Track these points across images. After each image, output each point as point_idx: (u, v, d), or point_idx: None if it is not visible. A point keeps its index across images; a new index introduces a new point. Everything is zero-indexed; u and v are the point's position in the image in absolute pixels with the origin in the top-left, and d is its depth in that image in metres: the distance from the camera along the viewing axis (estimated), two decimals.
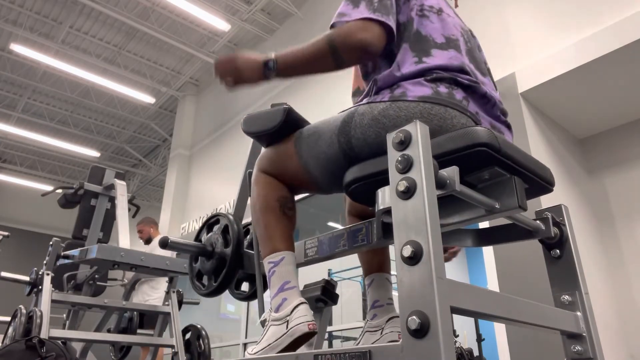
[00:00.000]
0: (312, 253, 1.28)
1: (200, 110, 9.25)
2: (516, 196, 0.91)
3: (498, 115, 1.07)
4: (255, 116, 1.25)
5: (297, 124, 1.21)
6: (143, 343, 2.96)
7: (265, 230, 1.16)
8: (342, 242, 1.21)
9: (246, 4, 7.21)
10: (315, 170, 1.11)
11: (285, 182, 1.20)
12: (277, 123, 1.19)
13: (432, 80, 1.00)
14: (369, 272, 1.34)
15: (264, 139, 1.25)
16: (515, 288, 2.98)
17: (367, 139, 1.00)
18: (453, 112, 0.97)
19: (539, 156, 3.17)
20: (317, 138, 1.11)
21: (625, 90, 3.36)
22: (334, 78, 6.14)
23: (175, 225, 8.18)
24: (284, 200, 1.18)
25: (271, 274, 1.10)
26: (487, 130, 0.89)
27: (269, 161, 1.22)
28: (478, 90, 1.02)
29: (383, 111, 0.99)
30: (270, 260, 1.12)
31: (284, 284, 1.08)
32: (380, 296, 1.30)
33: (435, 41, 1.07)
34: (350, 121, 1.04)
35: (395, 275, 0.78)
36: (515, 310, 0.86)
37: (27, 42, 8.10)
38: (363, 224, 1.17)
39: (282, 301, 1.06)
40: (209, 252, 1.44)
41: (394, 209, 0.74)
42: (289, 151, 1.17)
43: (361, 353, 0.73)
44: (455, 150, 0.88)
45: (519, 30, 3.73)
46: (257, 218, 1.19)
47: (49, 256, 2.73)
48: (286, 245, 1.13)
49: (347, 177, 1.02)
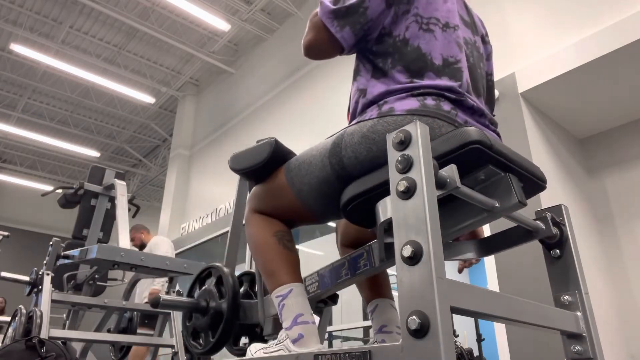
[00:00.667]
0: (313, 289, 1.24)
1: (200, 110, 9.25)
2: (514, 192, 0.91)
3: (487, 124, 1.07)
4: (242, 153, 1.23)
5: (284, 156, 1.19)
6: (143, 343, 2.96)
7: (267, 268, 1.12)
8: (343, 271, 1.18)
9: (246, 4, 7.21)
10: (309, 197, 1.09)
11: (280, 218, 1.17)
12: (264, 157, 1.17)
13: (418, 95, 1.00)
14: (371, 298, 1.32)
15: (253, 175, 1.23)
16: (515, 288, 2.98)
17: (358, 157, 0.99)
18: (441, 122, 0.96)
19: (538, 156, 3.18)
20: (308, 165, 1.09)
21: (625, 90, 3.36)
22: (332, 79, 6.12)
23: (175, 226, 8.18)
24: (282, 234, 1.15)
25: (281, 308, 1.06)
26: (478, 129, 0.90)
27: (259, 199, 1.20)
28: (465, 103, 1.02)
29: (372, 127, 0.99)
30: (278, 295, 1.07)
31: (297, 316, 1.04)
32: (388, 322, 1.27)
33: (432, 62, 1.04)
34: (340, 142, 1.03)
35: (395, 275, 0.78)
36: (515, 310, 0.86)
37: (27, 42, 8.10)
38: (363, 249, 1.15)
39: (299, 337, 1.01)
40: (203, 307, 1.38)
41: (394, 209, 0.74)
42: (279, 184, 1.15)
43: (361, 353, 0.73)
44: (449, 152, 0.88)
45: (519, 30, 3.73)
46: (257, 257, 1.16)
47: (49, 256, 2.73)
48: (292, 278, 1.09)
49: (343, 197, 1.01)
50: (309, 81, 6.40)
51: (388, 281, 1.35)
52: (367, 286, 1.33)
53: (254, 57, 8.01)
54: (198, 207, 7.96)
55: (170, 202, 8.41)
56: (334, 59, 1.16)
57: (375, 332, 1.28)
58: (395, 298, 1.28)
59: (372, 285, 1.33)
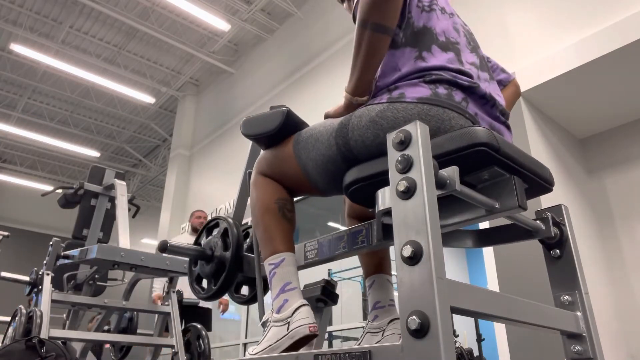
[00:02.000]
0: (312, 255, 1.28)
1: (200, 110, 9.25)
2: (516, 196, 0.91)
3: (497, 115, 1.07)
4: (254, 119, 1.25)
5: (296, 126, 1.21)
6: (143, 343, 2.96)
7: (265, 233, 1.16)
8: (342, 244, 1.21)
9: (246, 4, 7.21)
10: (314, 173, 1.11)
11: (284, 185, 1.20)
12: (275, 126, 1.19)
13: (430, 82, 0.99)
14: (370, 274, 1.34)
15: (263, 141, 1.26)
16: (515, 288, 2.98)
17: (365, 141, 0.99)
18: (451, 113, 0.96)
19: (538, 156, 3.17)
20: (315, 140, 1.10)
21: (625, 90, 3.36)
22: (332, 79, 6.12)
23: (175, 225, 8.18)
24: (283, 202, 1.18)
25: (272, 275, 1.10)
26: (487, 130, 0.89)
27: (267, 164, 1.22)
28: (477, 91, 1.01)
29: (381, 113, 0.98)
30: (271, 262, 1.12)
31: (285, 285, 1.08)
32: (382, 297, 1.30)
33: (437, 37, 1.06)
34: (347, 123, 1.04)
35: (396, 276, 0.78)
36: (515, 310, 0.86)
37: (27, 42, 8.10)
38: (363, 225, 1.17)
39: (284, 302, 1.06)
40: (208, 256, 1.44)
41: (394, 209, 0.74)
42: (287, 154, 1.17)
43: (361, 353, 0.73)
44: (454, 151, 0.88)
45: (519, 30, 3.73)
46: (256, 220, 1.19)
47: (49, 256, 2.73)
48: (286, 247, 1.13)
49: (346, 179, 1.02)
50: (309, 81, 6.40)
51: (388, 256, 1.37)
52: (366, 262, 1.36)
53: (254, 57, 8.01)
54: (198, 207, 7.95)
55: (170, 202, 8.41)
56: (334, 59, 1.15)
57: (370, 310, 1.30)
58: (395, 298, 1.29)
59: (371, 261, 1.35)
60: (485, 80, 1.09)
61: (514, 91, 1.36)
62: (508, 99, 1.33)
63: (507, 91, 1.35)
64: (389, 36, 1.02)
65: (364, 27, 1.00)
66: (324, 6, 6.53)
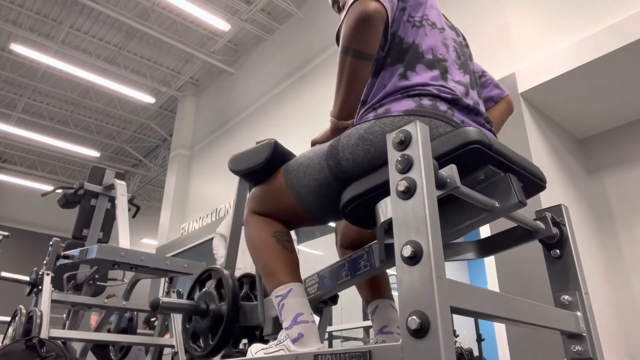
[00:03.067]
0: (313, 290, 1.24)
1: (200, 110, 9.25)
2: (514, 192, 0.91)
3: (483, 123, 1.08)
4: (242, 154, 1.23)
5: (284, 157, 1.19)
6: (143, 343, 2.96)
7: (266, 268, 1.13)
8: (343, 272, 1.18)
9: (246, 4, 7.21)
10: (308, 200, 1.10)
11: (279, 219, 1.18)
12: (264, 158, 1.17)
13: (414, 95, 1.00)
14: (371, 299, 1.32)
15: (252, 177, 1.23)
16: (515, 288, 2.98)
17: (356, 159, 0.99)
18: (438, 122, 0.97)
19: (539, 156, 3.17)
20: (306, 167, 1.09)
21: (625, 90, 3.36)
22: (332, 79, 6.12)
23: (175, 226, 8.18)
24: (281, 234, 1.16)
25: (280, 307, 1.06)
26: (477, 129, 0.90)
27: (258, 201, 1.20)
28: (461, 103, 1.02)
29: (369, 129, 0.99)
30: (277, 294, 1.08)
31: (297, 315, 1.04)
32: (389, 322, 1.27)
33: (424, 54, 1.06)
34: (337, 145, 1.03)
35: (395, 275, 0.78)
36: (515, 310, 0.86)
37: (27, 42, 8.10)
38: (363, 250, 1.15)
39: (299, 337, 1.01)
40: (203, 310, 1.38)
41: (394, 209, 0.74)
42: (278, 186, 1.15)
43: (361, 353, 0.73)
44: (449, 152, 0.88)
45: (519, 30, 3.73)
46: (256, 258, 1.16)
47: (49, 256, 2.73)
48: (291, 278, 1.10)
49: (343, 199, 1.01)
50: (309, 81, 6.40)
51: (388, 282, 1.35)
52: (367, 287, 1.33)
53: (254, 57, 8.01)
54: (198, 207, 7.96)
55: (170, 202, 8.41)
56: (334, 59, 1.15)
57: (375, 333, 1.28)
58: (395, 298, 1.28)
59: (372, 286, 1.33)
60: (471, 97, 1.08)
61: (504, 108, 1.33)
62: (497, 117, 1.31)
63: (498, 108, 1.32)
64: (369, 62, 1.03)
65: (345, 54, 1.02)
66: (324, 6, 6.53)
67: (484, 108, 1.15)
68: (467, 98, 1.06)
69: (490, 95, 1.32)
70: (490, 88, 1.33)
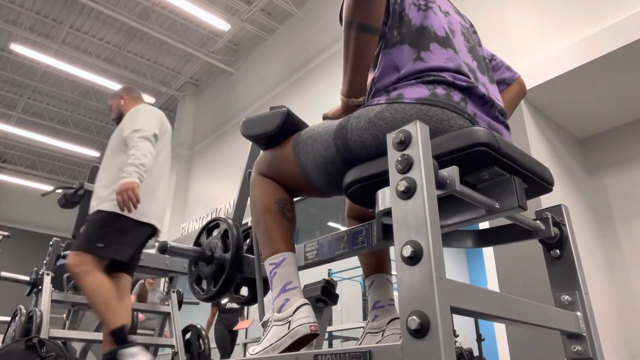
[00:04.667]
0: (312, 256, 1.28)
1: (200, 110, 9.25)
2: (516, 196, 0.90)
3: (496, 115, 1.07)
4: (254, 119, 1.25)
5: (296, 127, 1.20)
6: (143, 343, 2.95)
7: (265, 233, 1.16)
8: (342, 244, 1.21)
9: (246, 4, 7.21)
10: (313, 173, 1.11)
11: (284, 185, 1.20)
12: (275, 126, 1.18)
13: (429, 82, 0.99)
14: (370, 273, 1.34)
15: (263, 142, 1.25)
16: (515, 288, 2.98)
17: (364, 142, 0.99)
18: (450, 113, 0.96)
19: (539, 156, 3.17)
20: (314, 141, 1.10)
21: (625, 90, 3.36)
22: (332, 79, 6.12)
23: (175, 226, 8.19)
24: (284, 202, 1.18)
25: (272, 275, 1.10)
26: (487, 130, 0.89)
27: (267, 164, 1.22)
28: (476, 92, 1.01)
29: (379, 113, 0.98)
30: (272, 262, 1.11)
31: (286, 284, 1.08)
32: (382, 297, 1.29)
33: (436, 33, 1.06)
34: (346, 124, 1.03)
35: (396, 276, 0.78)
36: (515, 310, 0.86)
37: (27, 42, 8.10)
38: (363, 226, 1.17)
39: (285, 302, 1.05)
40: (208, 257, 1.44)
41: (394, 209, 0.74)
42: (286, 154, 1.17)
43: (361, 353, 0.73)
44: (454, 151, 0.88)
45: (519, 30, 3.73)
46: (256, 220, 1.19)
47: (49, 256, 2.73)
48: (287, 247, 1.13)
49: (346, 179, 1.02)
50: (309, 81, 6.40)
51: (388, 256, 1.36)
52: (366, 261, 1.35)
53: (254, 57, 8.01)
54: (198, 207, 7.96)
55: (170, 202, 8.42)
56: (334, 59, 1.15)
57: (370, 309, 1.30)
58: (395, 298, 1.29)
59: (371, 261, 1.34)
60: (483, 83, 1.08)
61: (517, 90, 1.33)
62: (511, 99, 1.31)
63: (511, 90, 1.32)
64: (374, 35, 1.02)
65: (350, 29, 1.01)
66: (324, 6, 6.53)
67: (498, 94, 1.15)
68: (480, 85, 1.05)
69: (502, 78, 1.33)
70: (502, 71, 1.33)
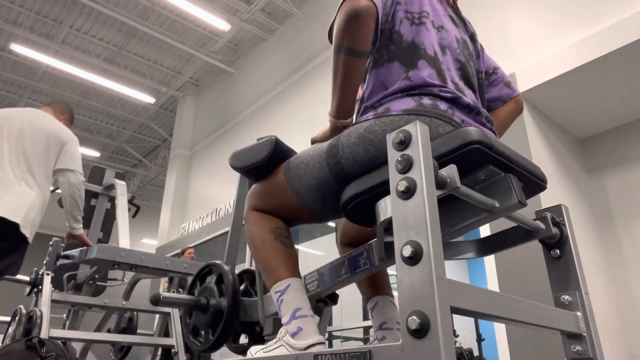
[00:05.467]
0: (313, 287, 1.24)
1: (200, 110, 9.25)
2: (514, 193, 0.91)
3: (484, 122, 1.07)
4: (243, 151, 1.24)
5: (285, 154, 1.19)
6: (143, 343, 2.96)
7: (265, 264, 1.13)
8: (343, 270, 1.18)
9: (246, 4, 7.21)
10: (308, 198, 1.10)
11: (279, 216, 1.18)
12: (265, 154, 1.17)
13: (415, 94, 1.00)
14: (372, 296, 1.32)
15: (253, 173, 1.24)
16: (515, 288, 2.98)
17: (356, 157, 0.99)
18: (438, 121, 0.96)
19: (539, 156, 3.17)
20: (305, 165, 1.09)
21: (625, 90, 3.36)
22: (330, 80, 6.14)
23: (175, 226, 8.18)
24: (279, 231, 1.16)
25: (279, 303, 1.07)
26: (478, 129, 0.90)
27: (259, 197, 1.20)
28: (461, 102, 1.02)
29: (368, 128, 0.99)
30: (277, 290, 1.08)
31: (295, 310, 1.04)
32: (388, 318, 1.27)
33: (426, 51, 1.06)
34: (336, 143, 1.03)
35: (396, 276, 0.78)
36: (515, 310, 0.86)
37: (27, 42, 8.10)
38: (363, 247, 1.15)
39: (298, 330, 1.01)
40: (203, 305, 1.38)
41: (394, 209, 0.74)
42: (279, 183, 1.15)
43: (361, 353, 0.73)
44: (449, 152, 0.88)
45: (519, 30, 3.73)
46: (256, 255, 1.17)
47: (49, 256, 2.73)
48: (290, 273, 1.10)
49: (344, 197, 1.01)
50: (309, 81, 6.40)
51: (388, 279, 1.35)
52: (367, 284, 1.33)
53: (254, 57, 8.01)
54: (198, 207, 7.96)
55: (170, 202, 8.42)
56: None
57: (375, 330, 1.28)
58: (395, 298, 1.28)
59: (372, 283, 1.33)
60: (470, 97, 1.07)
61: (512, 109, 1.29)
62: (503, 117, 1.27)
63: (506, 108, 1.28)
64: (363, 59, 1.03)
65: (339, 52, 1.01)
66: (324, 6, 6.53)
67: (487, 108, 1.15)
68: (466, 97, 1.05)
69: (499, 95, 1.29)
70: (500, 87, 1.29)
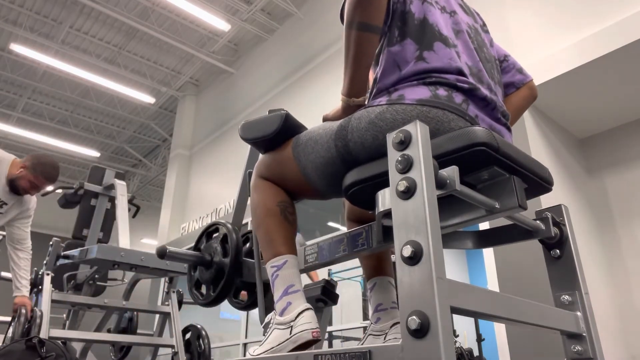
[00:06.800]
0: (312, 259, 1.27)
1: (200, 110, 9.25)
2: (516, 196, 0.90)
3: (498, 117, 1.06)
4: (253, 122, 1.24)
5: (295, 129, 1.20)
6: (143, 343, 2.96)
7: (266, 235, 1.15)
8: (342, 247, 1.20)
9: (246, 4, 7.21)
10: (313, 175, 1.11)
11: (284, 188, 1.19)
12: (274, 129, 1.18)
13: (430, 84, 0.99)
14: (371, 276, 1.33)
15: (262, 145, 1.24)
16: (515, 288, 2.98)
17: (364, 143, 0.99)
18: (451, 115, 0.95)
19: (539, 156, 3.17)
20: (314, 143, 1.10)
21: (626, 90, 3.36)
22: (332, 79, 6.12)
23: (175, 225, 8.18)
24: (285, 205, 1.17)
25: (274, 277, 1.09)
26: (486, 130, 0.89)
27: (267, 167, 1.22)
28: (478, 94, 1.01)
29: (380, 114, 0.98)
30: (273, 265, 1.11)
31: (288, 287, 1.07)
32: (384, 299, 1.29)
33: (440, 32, 1.05)
34: (346, 126, 1.03)
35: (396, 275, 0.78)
36: (515, 310, 0.86)
37: (27, 42, 8.10)
38: (363, 228, 1.16)
39: (287, 305, 1.05)
40: (207, 262, 1.43)
41: (394, 209, 0.74)
42: (286, 157, 1.16)
43: (361, 353, 0.73)
44: (454, 151, 0.88)
45: (519, 30, 3.73)
46: (258, 223, 1.18)
47: (49, 256, 2.73)
48: (288, 249, 1.12)
49: (346, 181, 1.02)
50: (309, 81, 6.40)
51: (389, 258, 1.36)
52: (367, 264, 1.35)
53: (254, 57, 8.02)
54: (198, 207, 7.96)
55: (170, 202, 8.42)
56: (334, 59, 1.15)
57: (372, 312, 1.29)
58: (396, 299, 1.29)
59: (372, 263, 1.34)
60: (488, 84, 1.07)
61: (526, 95, 1.30)
62: (518, 103, 1.28)
63: (519, 94, 1.29)
64: (375, 35, 1.01)
65: (350, 28, 1.00)
66: (324, 6, 6.53)
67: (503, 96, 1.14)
68: (483, 86, 1.04)
69: (512, 81, 1.30)
70: (513, 73, 1.31)
